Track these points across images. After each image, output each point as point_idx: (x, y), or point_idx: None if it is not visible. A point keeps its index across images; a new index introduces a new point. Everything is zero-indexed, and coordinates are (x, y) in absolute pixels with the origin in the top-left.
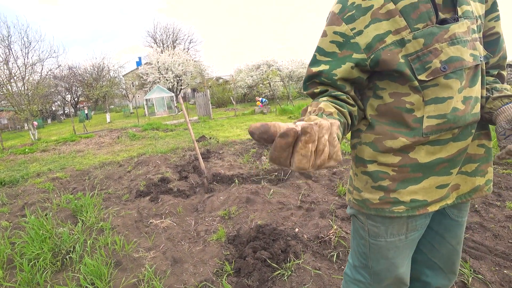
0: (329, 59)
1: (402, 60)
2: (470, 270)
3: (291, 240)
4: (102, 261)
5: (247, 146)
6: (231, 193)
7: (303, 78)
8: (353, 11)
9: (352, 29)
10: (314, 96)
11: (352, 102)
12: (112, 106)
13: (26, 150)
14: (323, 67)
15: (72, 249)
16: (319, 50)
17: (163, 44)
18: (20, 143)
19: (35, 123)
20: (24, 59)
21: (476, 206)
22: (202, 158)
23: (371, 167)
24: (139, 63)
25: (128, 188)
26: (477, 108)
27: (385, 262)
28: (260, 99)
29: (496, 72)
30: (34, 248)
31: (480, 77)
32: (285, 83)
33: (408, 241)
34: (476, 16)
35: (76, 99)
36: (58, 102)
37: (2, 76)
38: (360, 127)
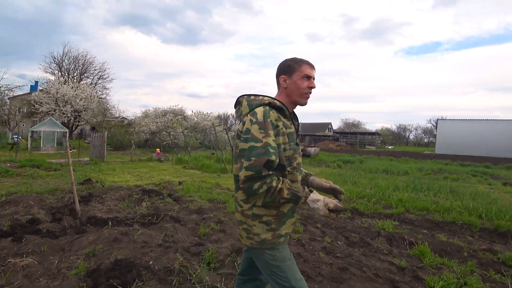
0: (275, 151)
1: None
2: None
3: (143, 270)
4: None
5: (132, 192)
6: (102, 234)
7: (260, 163)
8: (272, 126)
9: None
10: (266, 176)
11: None
12: None
13: None
14: (273, 157)
15: None
16: (269, 145)
17: (68, 74)
18: None
19: None
20: None
21: (303, 241)
22: (83, 202)
23: (265, 218)
24: (34, 88)
25: None
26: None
27: (297, 276)
28: None
29: None
30: None
31: None
32: (185, 134)
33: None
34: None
35: None
36: None
37: None
38: None
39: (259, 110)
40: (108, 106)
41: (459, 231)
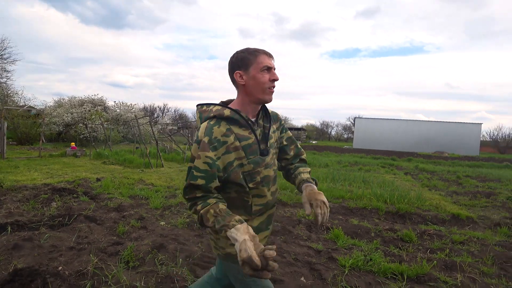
0: (203, 174)
1: (241, 176)
2: None
3: (50, 277)
4: None
5: (39, 191)
6: None
7: (185, 186)
8: (216, 144)
9: (215, 155)
10: (196, 198)
11: (220, 196)
12: None
13: None
14: (200, 181)
15: None
16: (196, 168)
17: None
18: None
19: None
20: None
21: None
22: None
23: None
24: None
25: None
26: (277, 195)
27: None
28: None
29: (297, 160)
30: None
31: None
32: (105, 126)
33: None
34: (275, 142)
35: None
36: None
37: None
38: None
39: (202, 126)
40: (9, 92)
41: (369, 215)
